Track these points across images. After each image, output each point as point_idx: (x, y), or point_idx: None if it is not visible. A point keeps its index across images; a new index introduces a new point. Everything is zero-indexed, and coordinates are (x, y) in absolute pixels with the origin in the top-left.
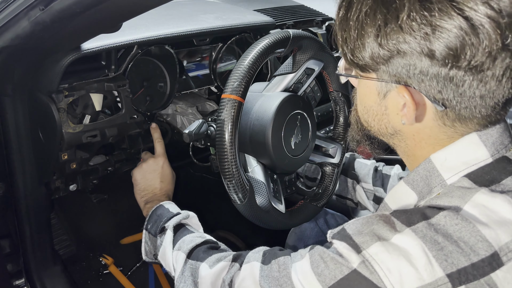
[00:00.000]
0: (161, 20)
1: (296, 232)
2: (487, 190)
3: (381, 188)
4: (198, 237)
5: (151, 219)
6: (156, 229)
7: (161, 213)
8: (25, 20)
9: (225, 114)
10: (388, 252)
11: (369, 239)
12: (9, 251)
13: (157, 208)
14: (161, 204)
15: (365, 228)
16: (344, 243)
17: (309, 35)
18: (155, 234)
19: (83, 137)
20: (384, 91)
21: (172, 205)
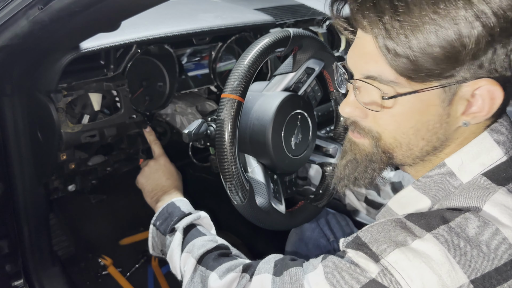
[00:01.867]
0: (160, 19)
1: (297, 233)
2: (505, 190)
3: (373, 191)
4: (210, 241)
5: (160, 216)
6: (166, 227)
7: (172, 211)
8: (24, 19)
9: (224, 114)
10: (409, 260)
11: (387, 247)
12: (7, 251)
13: (168, 206)
14: (172, 202)
15: (382, 235)
16: (360, 252)
17: (309, 34)
18: (164, 233)
19: (82, 137)
20: (449, 97)
21: (183, 203)
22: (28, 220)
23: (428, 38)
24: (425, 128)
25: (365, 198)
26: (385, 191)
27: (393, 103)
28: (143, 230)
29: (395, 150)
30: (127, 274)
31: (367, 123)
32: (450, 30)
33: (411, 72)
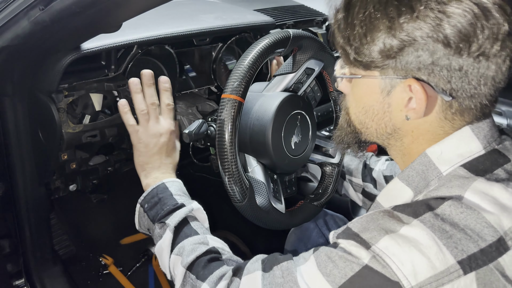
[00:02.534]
0: (161, 20)
1: (296, 233)
2: (483, 179)
3: (370, 184)
4: (200, 244)
5: (149, 198)
6: (155, 215)
7: (162, 197)
8: (25, 20)
9: (225, 114)
10: (398, 245)
11: (377, 234)
12: (9, 251)
13: (158, 188)
14: (164, 183)
15: (371, 224)
16: (351, 241)
17: (309, 35)
18: (153, 220)
19: (83, 137)
20: (388, 88)
21: (175, 186)
22: (29, 220)
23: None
24: (371, 112)
25: (362, 190)
26: (381, 184)
27: (352, 84)
28: None
29: (358, 127)
30: (128, 273)
31: (346, 97)
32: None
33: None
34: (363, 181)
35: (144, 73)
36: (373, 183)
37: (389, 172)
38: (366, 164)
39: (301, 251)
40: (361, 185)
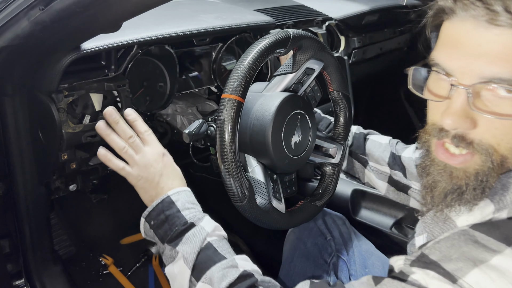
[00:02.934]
0: (161, 20)
1: (295, 232)
2: None
3: (399, 172)
4: (230, 268)
5: (155, 215)
6: (163, 235)
7: (170, 214)
8: (25, 20)
9: (225, 114)
10: (492, 280)
11: (463, 266)
12: (9, 251)
13: (163, 202)
14: (168, 196)
15: (453, 252)
16: (431, 272)
17: (309, 35)
18: (162, 240)
19: (83, 137)
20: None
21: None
22: (29, 220)
23: None
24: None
25: (389, 178)
26: (412, 173)
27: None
28: None
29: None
30: (128, 273)
31: (477, 135)
32: None
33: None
34: (390, 169)
35: (105, 112)
36: (402, 171)
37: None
38: (393, 152)
39: (300, 250)
40: (388, 173)
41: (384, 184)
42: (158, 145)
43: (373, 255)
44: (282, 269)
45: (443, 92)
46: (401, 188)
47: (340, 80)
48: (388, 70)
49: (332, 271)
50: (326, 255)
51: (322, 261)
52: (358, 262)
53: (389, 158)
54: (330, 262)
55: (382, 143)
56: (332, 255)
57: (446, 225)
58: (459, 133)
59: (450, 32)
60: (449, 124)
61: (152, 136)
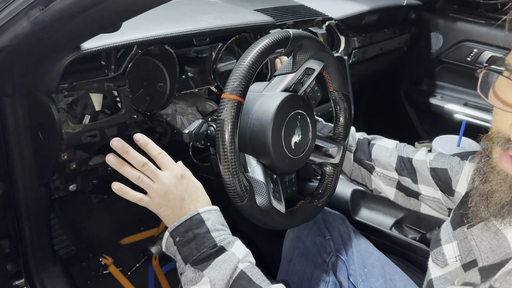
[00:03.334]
0: (161, 20)
1: (294, 231)
2: None
3: (408, 179)
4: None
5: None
6: (188, 255)
7: (198, 233)
8: (25, 20)
9: (225, 114)
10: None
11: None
12: (8, 251)
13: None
14: (199, 213)
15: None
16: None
17: (309, 34)
18: (185, 260)
19: (82, 137)
20: None
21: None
22: (29, 220)
23: None
24: None
25: (398, 184)
26: (425, 176)
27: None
28: (143, 229)
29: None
30: (128, 274)
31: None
32: None
33: None
34: (399, 175)
35: (112, 144)
36: (411, 176)
37: (440, 165)
38: (401, 156)
39: (299, 250)
40: (396, 178)
41: (392, 190)
42: (175, 167)
43: (372, 255)
44: (281, 268)
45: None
46: (411, 194)
47: (340, 80)
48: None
49: (331, 271)
50: (325, 255)
51: (321, 260)
52: (357, 262)
53: (397, 163)
54: (329, 261)
55: (389, 147)
56: (331, 255)
57: (495, 240)
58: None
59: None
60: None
61: (167, 158)
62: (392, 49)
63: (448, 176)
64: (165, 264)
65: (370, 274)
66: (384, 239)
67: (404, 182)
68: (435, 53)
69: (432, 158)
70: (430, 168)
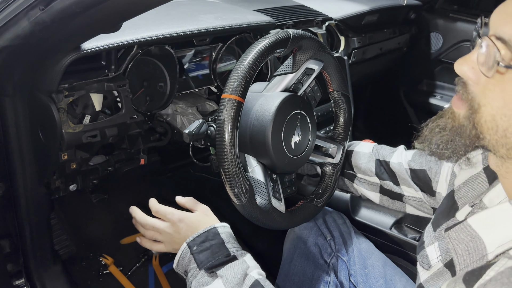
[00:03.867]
0: (161, 20)
1: (295, 231)
2: None
3: (390, 182)
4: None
5: (199, 240)
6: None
7: (214, 244)
8: (25, 20)
9: (225, 114)
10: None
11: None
12: (9, 251)
13: (209, 231)
14: (215, 227)
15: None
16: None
17: (309, 35)
18: (199, 265)
19: (83, 137)
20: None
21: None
22: (29, 220)
23: None
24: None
25: (380, 188)
26: (404, 179)
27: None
28: None
29: (488, 132)
30: (128, 273)
31: (475, 90)
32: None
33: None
34: (380, 179)
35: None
36: (392, 178)
37: (419, 166)
38: (379, 159)
39: (300, 250)
40: (378, 183)
41: (377, 194)
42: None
43: (373, 255)
44: (282, 269)
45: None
46: (395, 197)
47: (340, 80)
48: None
49: (332, 271)
50: (326, 255)
51: (322, 261)
52: (358, 262)
53: (376, 167)
54: (330, 262)
55: (366, 152)
56: (332, 255)
57: (472, 242)
58: (464, 81)
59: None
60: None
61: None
62: (392, 49)
63: (428, 178)
64: (165, 264)
65: (370, 274)
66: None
67: (386, 185)
68: (435, 53)
69: (410, 158)
70: (409, 169)
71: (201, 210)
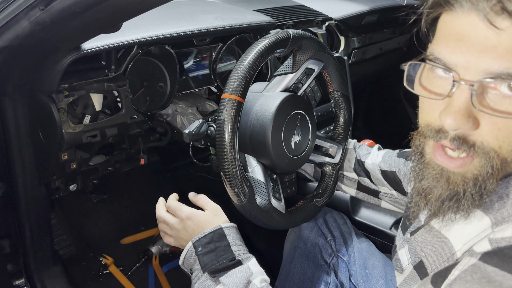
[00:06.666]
0: (161, 20)
1: (295, 231)
2: None
3: (366, 178)
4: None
5: (205, 241)
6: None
7: (219, 246)
8: (25, 20)
9: (225, 114)
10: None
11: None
12: (9, 251)
13: (214, 232)
14: (221, 228)
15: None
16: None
17: (309, 35)
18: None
19: (83, 137)
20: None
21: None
22: (29, 220)
23: None
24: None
25: (358, 184)
26: (378, 178)
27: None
28: (144, 229)
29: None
30: (128, 273)
31: (479, 137)
32: None
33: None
34: (358, 176)
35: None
36: (367, 176)
37: (388, 167)
38: (356, 157)
39: (300, 250)
40: (356, 179)
41: (353, 190)
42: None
43: (373, 256)
44: (282, 269)
45: (441, 89)
46: (372, 193)
47: (340, 80)
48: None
49: (332, 272)
50: (326, 256)
51: (323, 261)
52: (359, 263)
53: (355, 164)
54: (330, 262)
55: (347, 148)
56: (332, 256)
57: (439, 243)
58: (459, 134)
59: (451, 24)
60: (450, 124)
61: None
62: (391, 49)
63: (398, 179)
64: (165, 264)
65: (371, 275)
66: (384, 239)
67: (363, 182)
68: None
69: (380, 159)
70: (381, 170)
71: (211, 209)
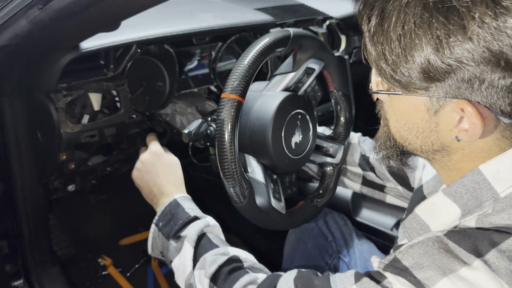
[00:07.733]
0: (160, 19)
1: (296, 232)
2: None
3: (372, 173)
4: (221, 255)
5: (163, 216)
6: (169, 231)
7: (175, 212)
8: (24, 19)
9: (224, 114)
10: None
11: (433, 274)
12: (7, 251)
13: (170, 204)
14: (175, 199)
15: (425, 259)
16: (402, 279)
17: (309, 34)
18: (167, 236)
19: (81, 137)
20: (435, 107)
21: (186, 201)
22: (28, 220)
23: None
24: (415, 129)
25: (363, 179)
26: (383, 174)
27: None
28: (143, 230)
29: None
30: (127, 274)
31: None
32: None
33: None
34: (363, 170)
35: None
36: (372, 170)
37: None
38: (361, 152)
39: (301, 251)
40: (361, 173)
41: (357, 185)
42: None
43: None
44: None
45: None
46: (377, 187)
47: (340, 80)
48: None
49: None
50: (327, 257)
51: (323, 262)
52: (359, 264)
53: (360, 159)
54: (331, 263)
55: (352, 143)
56: (333, 257)
57: (422, 230)
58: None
59: None
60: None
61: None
62: None
63: (404, 174)
64: (164, 265)
65: None
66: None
67: (368, 176)
68: None
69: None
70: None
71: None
